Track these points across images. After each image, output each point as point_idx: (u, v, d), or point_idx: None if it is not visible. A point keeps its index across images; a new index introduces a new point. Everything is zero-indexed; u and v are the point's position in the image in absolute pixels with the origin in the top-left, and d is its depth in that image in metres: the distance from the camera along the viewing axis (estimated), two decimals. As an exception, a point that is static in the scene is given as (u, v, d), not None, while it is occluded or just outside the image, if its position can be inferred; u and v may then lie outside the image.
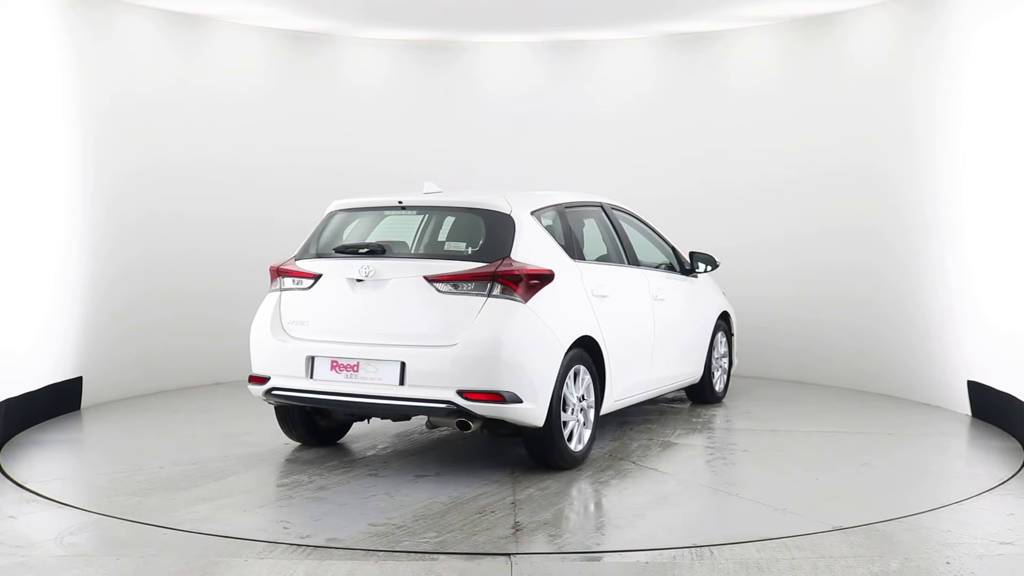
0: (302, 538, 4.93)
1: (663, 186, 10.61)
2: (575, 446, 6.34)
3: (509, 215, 6.32)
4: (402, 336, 6.05)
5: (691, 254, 8.34)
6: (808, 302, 9.86)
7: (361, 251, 6.39)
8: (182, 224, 9.52)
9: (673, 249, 8.25)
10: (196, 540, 4.94)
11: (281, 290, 6.54)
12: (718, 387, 8.80)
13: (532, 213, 6.47)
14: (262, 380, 6.41)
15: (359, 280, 6.23)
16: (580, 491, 5.94)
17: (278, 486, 6.04)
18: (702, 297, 8.50)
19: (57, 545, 4.86)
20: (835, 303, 9.61)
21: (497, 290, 5.98)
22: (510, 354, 5.87)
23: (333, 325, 6.28)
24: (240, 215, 10.01)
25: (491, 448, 6.94)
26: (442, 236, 6.91)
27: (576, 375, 6.34)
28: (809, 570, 4.47)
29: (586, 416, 6.47)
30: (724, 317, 8.88)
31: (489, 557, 4.67)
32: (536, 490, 5.86)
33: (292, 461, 6.60)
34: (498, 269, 6.01)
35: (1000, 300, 7.38)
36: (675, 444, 7.20)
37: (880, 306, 9.13)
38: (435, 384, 5.89)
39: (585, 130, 10.86)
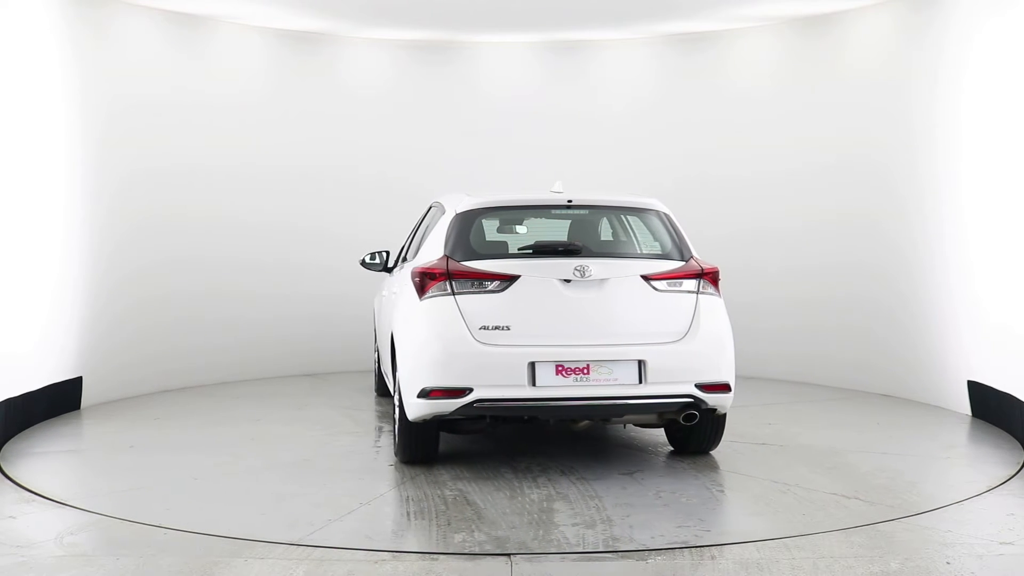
0: (699, 534, 4.97)
1: (663, 185, 10.55)
2: None
3: (671, 215, 6.74)
4: (637, 335, 6.14)
5: None
6: (808, 301, 9.85)
7: (559, 250, 6.36)
8: (183, 225, 9.51)
9: None
10: (196, 540, 4.93)
11: (455, 294, 6.14)
12: None
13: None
14: (459, 393, 5.93)
15: (567, 280, 6.17)
16: (816, 470, 6.27)
17: (551, 505, 5.56)
18: None
19: (57, 545, 4.87)
20: (835, 302, 9.60)
21: (702, 286, 6.33)
22: (729, 346, 6.29)
23: (551, 328, 6.11)
24: (240, 216, 10.00)
25: (580, 439, 7.07)
26: (605, 235, 7.17)
27: None
28: (809, 570, 4.48)
29: None
30: None
31: (489, 557, 4.67)
32: (767, 479, 6.08)
33: (466, 479, 6.10)
34: (704, 267, 6.39)
35: (1001, 299, 7.38)
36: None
37: (880, 305, 9.12)
38: (674, 380, 6.08)
39: (585, 130, 10.84)
